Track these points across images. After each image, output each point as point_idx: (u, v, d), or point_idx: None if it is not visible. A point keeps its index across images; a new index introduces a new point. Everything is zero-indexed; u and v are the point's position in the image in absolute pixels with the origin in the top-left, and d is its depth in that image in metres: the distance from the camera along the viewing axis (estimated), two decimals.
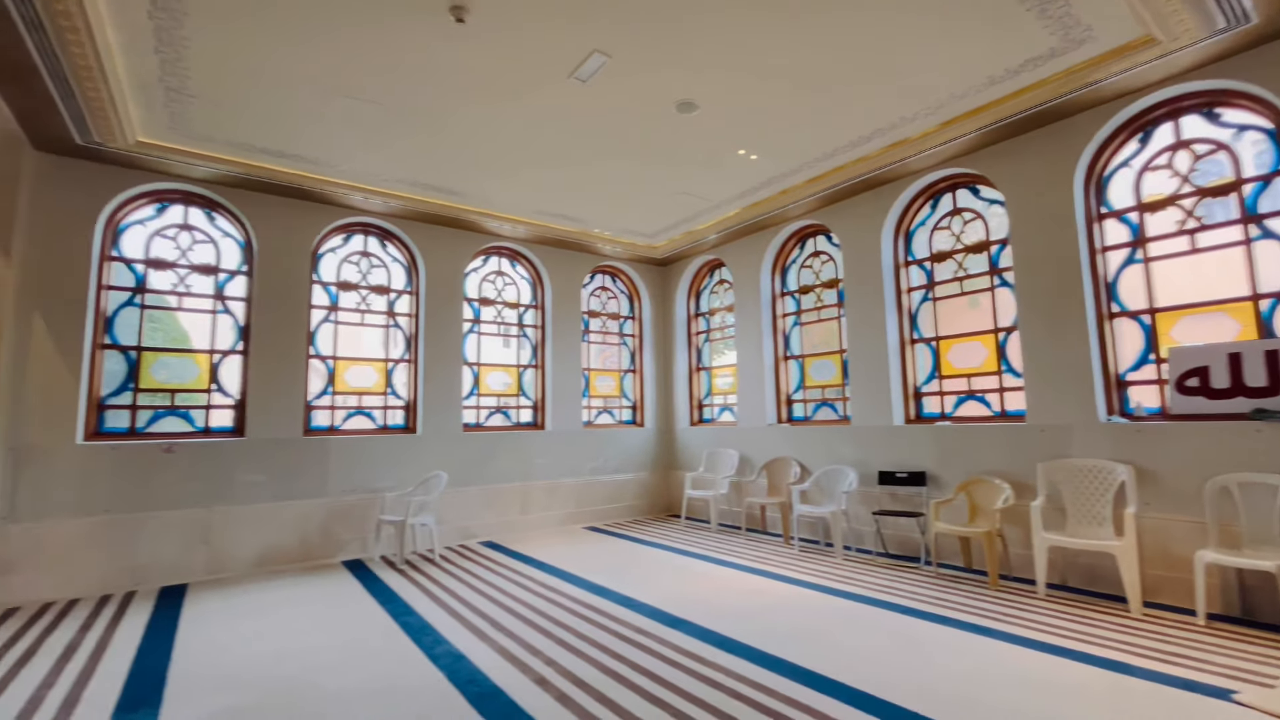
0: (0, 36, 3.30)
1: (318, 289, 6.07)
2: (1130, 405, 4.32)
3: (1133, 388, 4.34)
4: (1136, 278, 4.36)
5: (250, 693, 2.86)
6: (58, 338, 4.74)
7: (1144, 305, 4.31)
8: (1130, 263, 4.41)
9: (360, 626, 3.76)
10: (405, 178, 5.56)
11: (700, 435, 7.85)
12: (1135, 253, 4.38)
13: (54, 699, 2.81)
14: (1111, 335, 4.44)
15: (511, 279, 7.47)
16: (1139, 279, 4.35)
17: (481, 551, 5.91)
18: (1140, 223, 4.37)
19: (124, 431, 5.11)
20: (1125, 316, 4.41)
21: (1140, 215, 4.37)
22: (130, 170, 5.08)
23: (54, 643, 3.56)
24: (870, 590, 4.33)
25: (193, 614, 4.08)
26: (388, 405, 6.38)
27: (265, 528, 5.38)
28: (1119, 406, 4.36)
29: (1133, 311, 4.37)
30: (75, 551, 4.62)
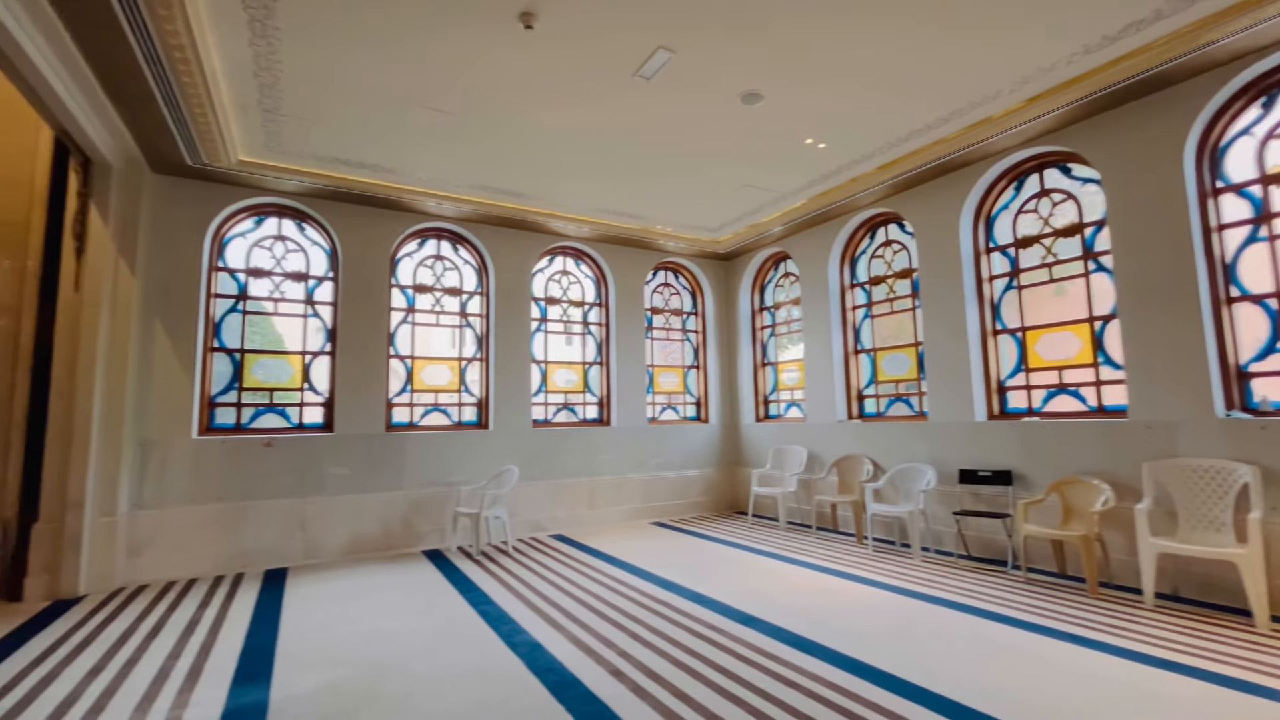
0: (124, 71, 3.66)
1: (396, 292, 6.40)
2: (1254, 399, 3.91)
3: (1257, 380, 3.92)
4: (1260, 257, 3.93)
5: (349, 670, 3.06)
6: (175, 342, 5.22)
7: (1270, 288, 3.88)
8: (1252, 241, 3.98)
9: (443, 613, 3.95)
10: (474, 182, 5.76)
11: (766, 432, 7.73)
12: (1259, 230, 3.95)
13: (180, 670, 3.11)
14: (1230, 322, 4.03)
15: (576, 278, 7.60)
16: (1263, 259, 3.92)
17: (551, 544, 6.07)
18: (1264, 196, 3.94)
19: (231, 427, 5.57)
20: (1247, 301, 3.99)
21: (1264, 188, 3.94)
22: (233, 187, 5.52)
23: (178, 618, 3.93)
24: (953, 594, 4.13)
25: (294, 595, 4.41)
26: (461, 402, 6.64)
27: (352, 517, 5.73)
28: (1240, 401, 3.96)
29: (1256, 295, 3.94)
30: (192, 536, 5.09)
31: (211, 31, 3.49)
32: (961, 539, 5.24)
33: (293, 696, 2.77)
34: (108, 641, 3.50)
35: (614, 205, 6.45)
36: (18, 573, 4.36)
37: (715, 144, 5.07)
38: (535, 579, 4.75)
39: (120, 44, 3.37)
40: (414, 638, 3.50)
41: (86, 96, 3.89)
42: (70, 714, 2.63)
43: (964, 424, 5.37)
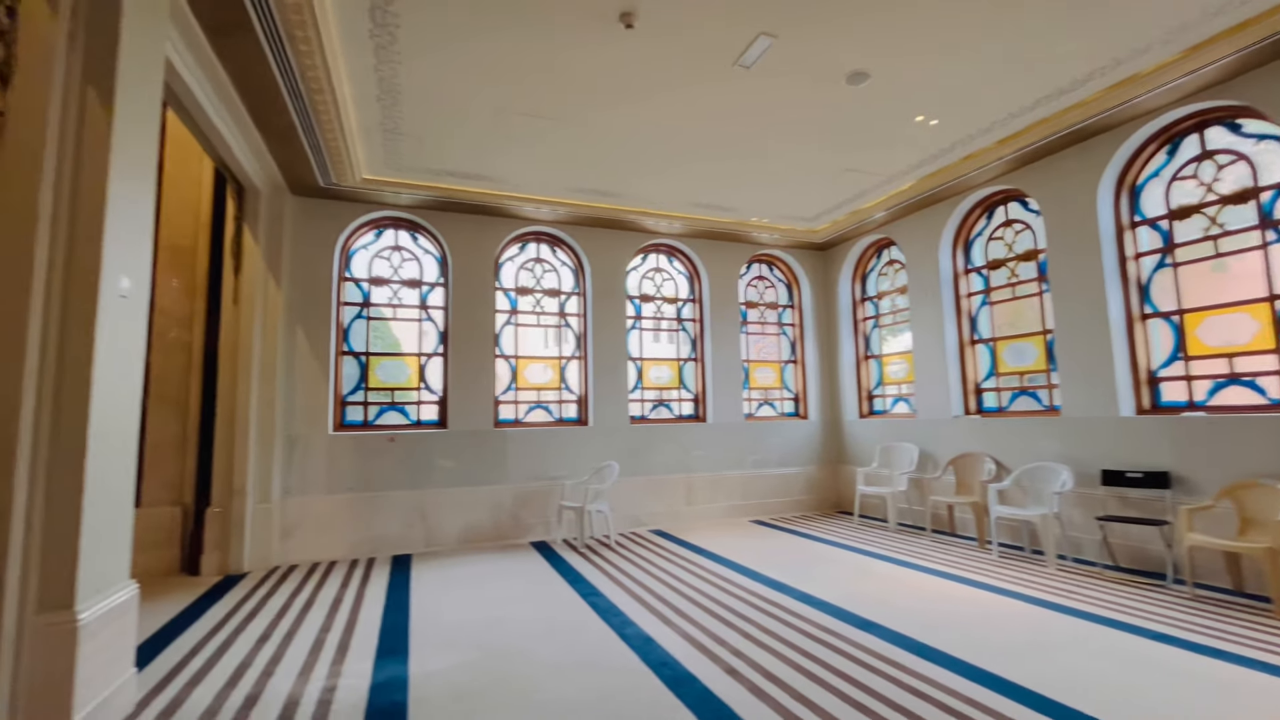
0: (271, 104, 4.08)
1: (499, 295, 6.71)
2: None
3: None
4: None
5: (475, 653, 3.24)
6: (313, 346, 5.77)
7: None
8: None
9: (556, 603, 4.09)
10: (571, 184, 5.91)
11: (871, 428, 7.36)
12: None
13: (331, 642, 3.44)
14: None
15: (669, 274, 7.61)
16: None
17: (652, 539, 6.12)
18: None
19: (359, 424, 6.09)
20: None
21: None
22: (357, 204, 6.02)
23: (324, 596, 4.35)
24: (1099, 607, 3.73)
25: (419, 580, 4.74)
26: (562, 400, 6.86)
27: (464, 509, 6.08)
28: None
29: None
30: (331, 522, 5.61)
31: (344, 60, 3.81)
32: (1106, 547, 4.72)
33: (429, 674, 2.97)
34: (270, 614, 3.94)
35: (708, 199, 6.39)
36: (195, 550, 5.01)
37: (816, 129, 4.89)
38: (640, 573, 4.81)
39: (268, 79, 3.76)
40: (531, 625, 3.66)
41: (241, 130, 4.39)
42: (245, 677, 2.98)
43: (1106, 419, 4.83)
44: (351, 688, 2.84)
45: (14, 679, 2.14)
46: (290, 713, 2.61)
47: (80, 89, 2.40)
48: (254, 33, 3.30)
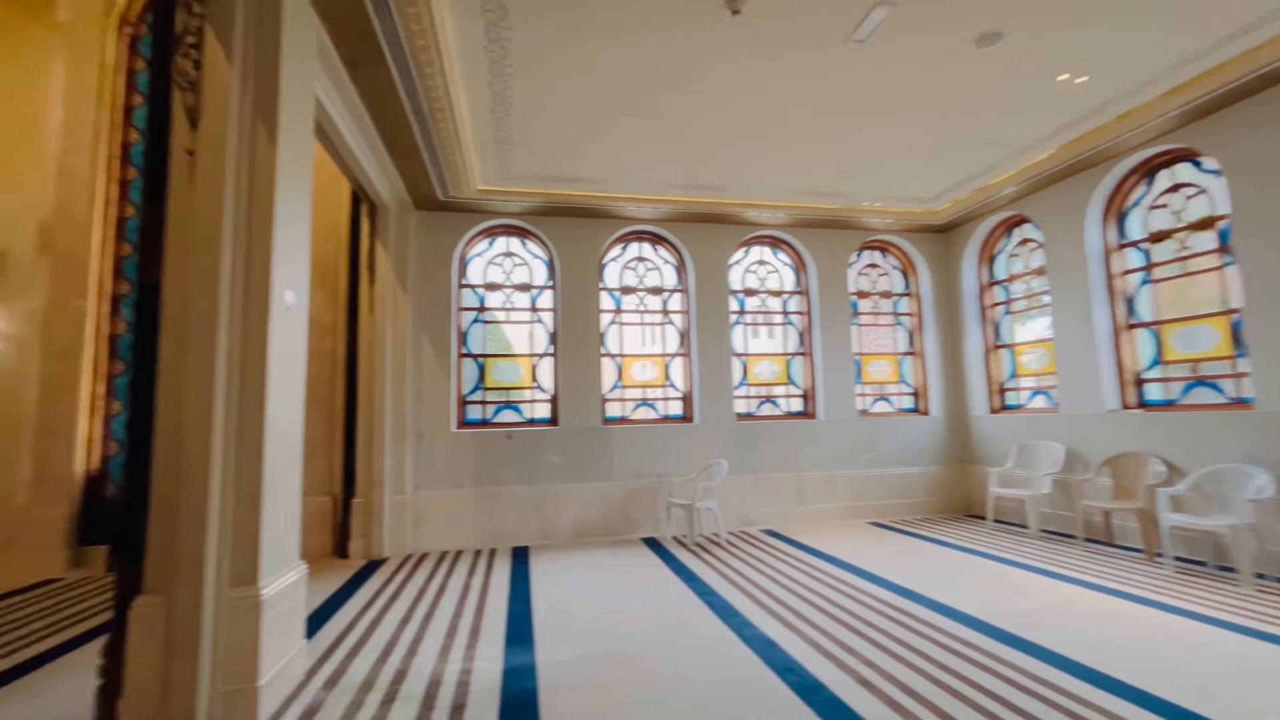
0: (398, 126, 4.41)
1: (604, 295, 6.83)
2: None
3: None
4: None
5: (597, 645, 3.31)
6: (436, 350, 6.20)
7: None
8: None
9: (672, 601, 4.09)
10: (672, 181, 5.89)
11: (1004, 424, 6.71)
12: None
13: (464, 627, 3.65)
14: None
15: (774, 266, 7.38)
16: None
17: (764, 539, 5.97)
18: None
19: (479, 422, 6.45)
20: None
21: None
22: (472, 214, 6.38)
23: (454, 583, 4.65)
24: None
25: (538, 572, 4.94)
26: (667, 397, 6.87)
27: (576, 504, 6.26)
28: None
29: None
30: (456, 514, 6.00)
31: (461, 78, 4.04)
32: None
33: (555, 664, 3.07)
34: (409, 598, 4.27)
35: (814, 186, 6.12)
36: (344, 536, 5.55)
37: (938, 101, 4.51)
38: (754, 573, 4.70)
39: (396, 103, 4.06)
40: (648, 621, 3.68)
41: (373, 152, 4.79)
42: (393, 654, 3.24)
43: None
44: (485, 671, 3.00)
45: (215, 642, 2.45)
46: (434, 690, 2.79)
47: (251, 126, 2.71)
48: (385, 62, 3.58)
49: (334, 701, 2.70)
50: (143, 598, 2.43)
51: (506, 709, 2.60)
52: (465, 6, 3.37)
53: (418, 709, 2.62)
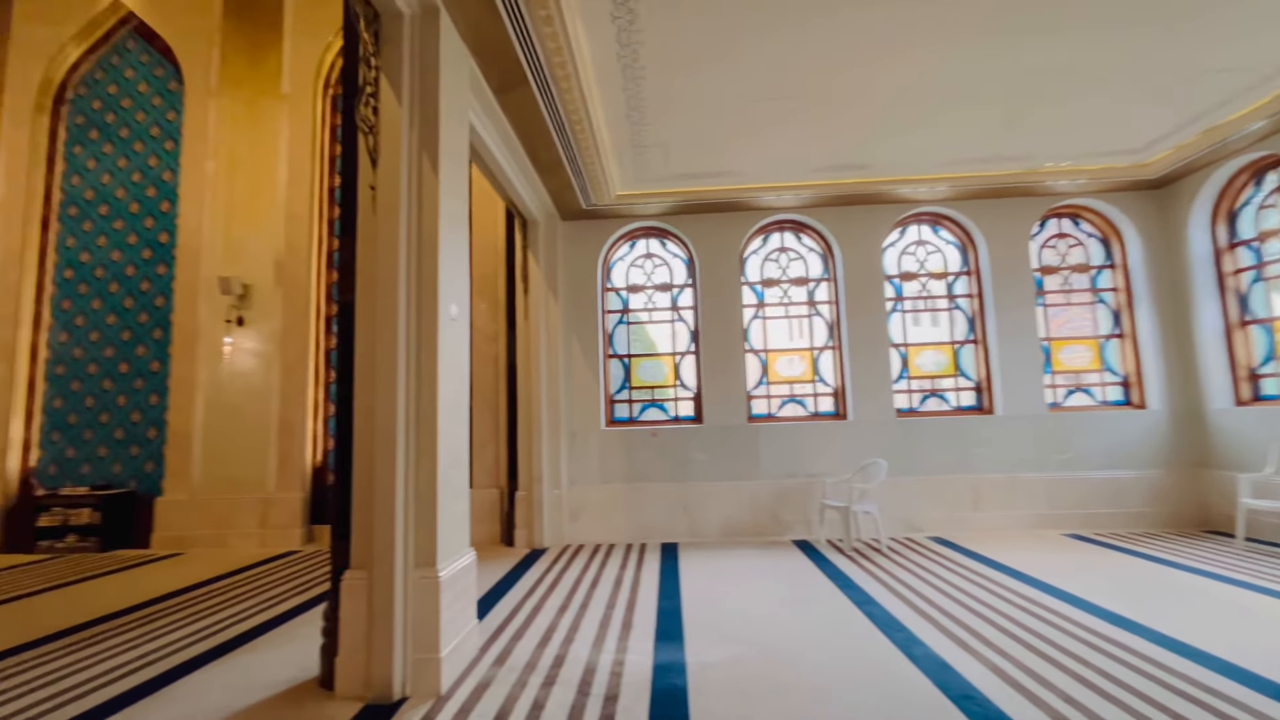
0: (542, 142, 4.69)
1: (745, 289, 6.68)
2: None
3: None
4: None
5: (746, 648, 3.22)
6: (585, 352, 6.51)
7: None
8: None
9: (826, 608, 3.86)
10: (814, 165, 5.57)
11: (1258, 419, 5.37)
12: None
13: (616, 619, 3.78)
14: None
15: (935, 246, 6.67)
16: None
17: (931, 547, 5.41)
18: None
19: (626, 420, 6.66)
20: None
21: None
22: (613, 220, 6.61)
23: (607, 575, 4.84)
24: None
25: (687, 569, 4.96)
26: (816, 392, 6.52)
27: (724, 503, 6.18)
28: None
29: None
30: (607, 509, 6.24)
31: (597, 87, 4.18)
32: None
33: (705, 664, 3.04)
34: (566, 587, 4.52)
35: (981, 151, 5.40)
36: (509, 526, 6.05)
37: (1146, 28, 3.72)
38: (921, 584, 4.27)
39: (539, 120, 4.32)
40: (801, 627, 3.50)
41: (521, 170, 5.15)
42: (552, 639, 3.44)
43: None
44: (636, 664, 3.06)
45: (404, 615, 2.79)
46: (589, 677, 2.91)
47: (418, 159, 3.04)
48: (527, 83, 3.82)
49: (502, 679, 2.93)
50: (350, 572, 2.84)
51: (657, 704, 2.62)
52: (596, 16, 3.47)
53: (574, 694, 2.74)
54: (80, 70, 7.26)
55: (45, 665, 3.26)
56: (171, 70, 7.14)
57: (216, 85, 6.88)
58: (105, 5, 7.07)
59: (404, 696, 2.73)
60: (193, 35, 6.95)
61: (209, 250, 6.68)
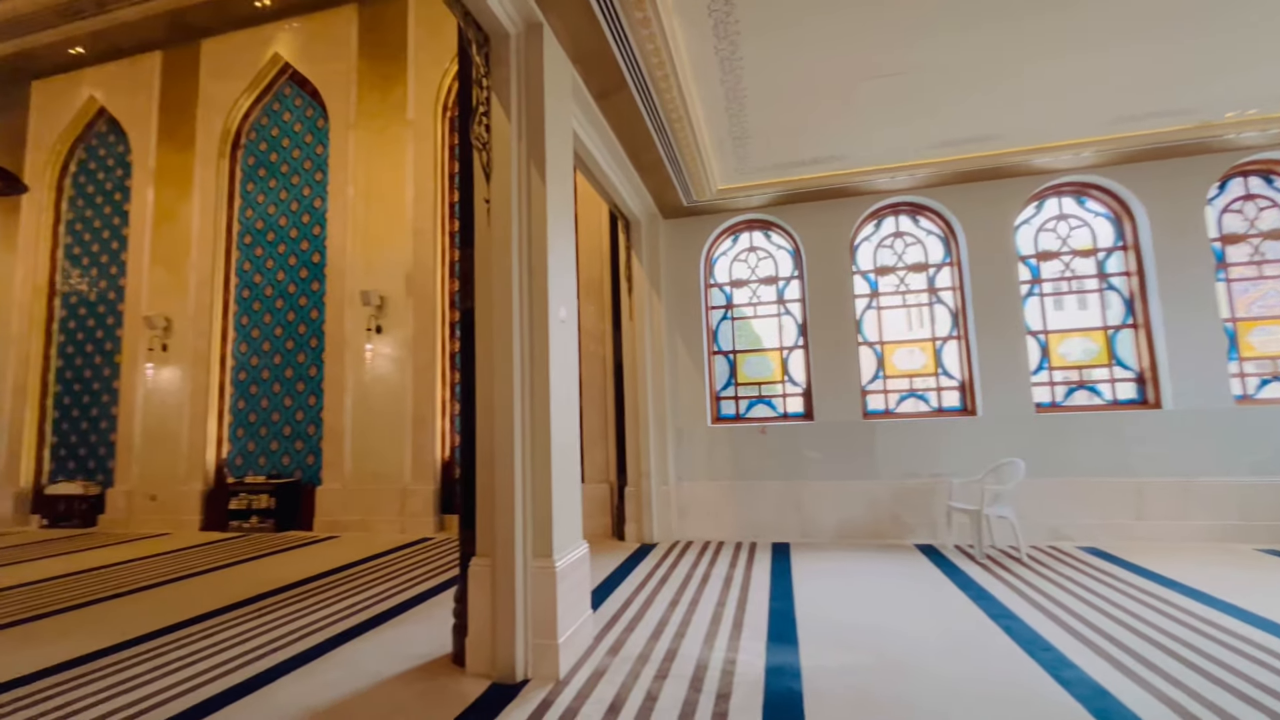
0: (643, 144, 4.74)
1: (857, 279, 6.33)
2: None
3: None
4: None
5: (865, 657, 3.06)
6: (689, 349, 6.52)
7: None
8: None
9: (956, 619, 3.57)
10: (931, 141, 5.16)
11: None
12: None
13: (727, 616, 3.75)
14: None
15: (1080, 220, 5.92)
16: None
17: (1083, 558, 4.81)
18: None
19: (732, 417, 6.58)
20: None
21: None
22: (715, 215, 6.55)
23: (717, 572, 4.81)
24: None
25: (799, 570, 4.80)
26: (940, 386, 6.04)
27: (838, 503, 5.91)
28: None
29: None
30: (715, 506, 6.21)
31: (695, 83, 4.17)
32: None
33: (820, 669, 2.93)
34: (675, 583, 4.56)
35: (1138, 107, 4.71)
36: (619, 521, 6.20)
37: None
38: (1070, 599, 3.82)
39: (639, 122, 4.38)
40: (927, 639, 3.26)
41: (623, 172, 5.25)
42: (664, 634, 3.48)
43: None
44: (748, 664, 3.02)
45: (524, 603, 2.96)
46: (701, 673, 2.92)
47: (526, 170, 3.20)
48: (628, 87, 3.88)
49: (616, 668, 3.02)
50: (476, 559, 3.06)
51: (771, 707, 2.57)
52: (692, 11, 3.45)
53: (686, 688, 2.76)
54: (250, 118, 8.43)
55: (238, 627, 3.83)
56: (319, 110, 8.09)
57: (354, 119, 7.69)
58: (268, 59, 8.16)
59: (526, 678, 2.90)
60: (335, 77, 7.82)
61: (351, 267, 7.49)
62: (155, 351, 8.24)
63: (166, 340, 8.22)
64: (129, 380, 8.36)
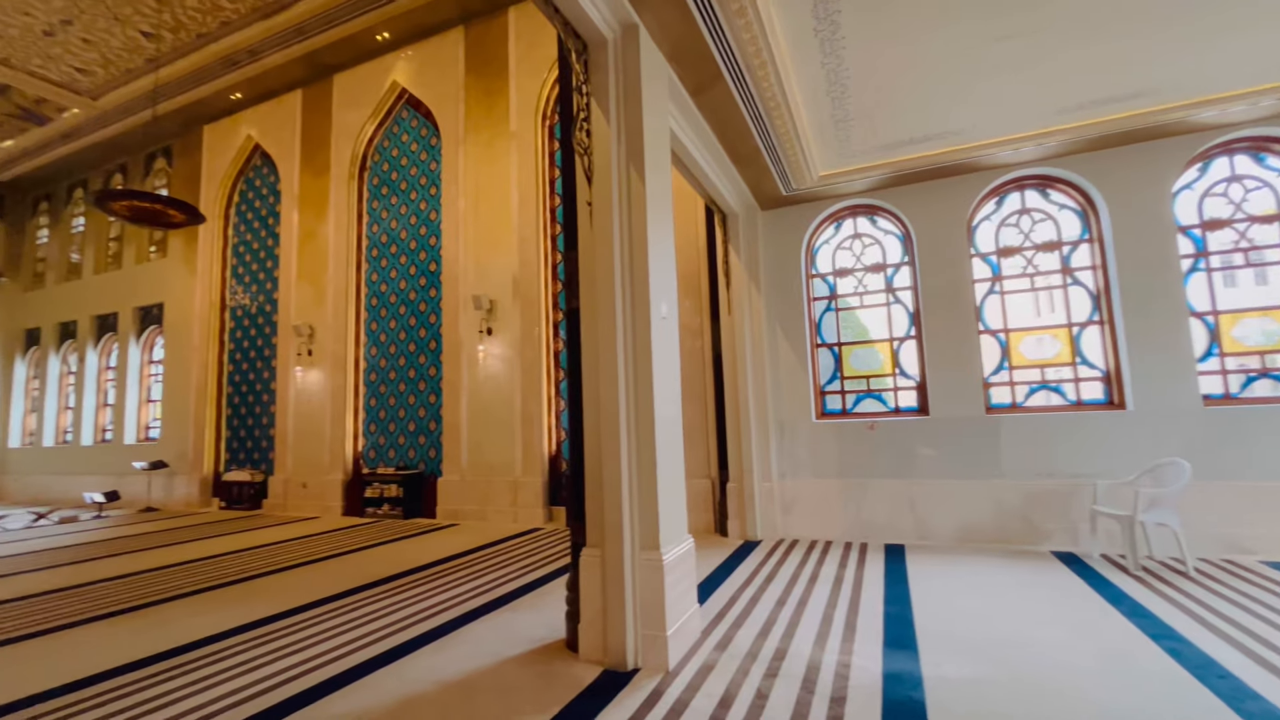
0: (739, 135, 4.67)
1: (976, 262, 5.84)
2: None
3: None
4: None
5: (994, 669, 2.83)
6: (790, 342, 6.34)
7: None
8: None
9: (1103, 634, 3.20)
10: (1064, 105, 4.63)
11: None
12: None
13: (838, 619, 3.61)
14: None
15: (1261, 181, 5.07)
16: None
17: (1269, 575, 4.13)
18: None
19: (838, 412, 6.32)
20: None
21: None
22: (816, 202, 6.32)
23: (825, 573, 4.65)
24: None
25: (916, 574, 4.53)
26: (1079, 377, 5.43)
27: (958, 503, 5.49)
28: None
29: None
30: (821, 504, 6.00)
31: (793, 69, 4.04)
32: None
33: (943, 679, 2.75)
34: (782, 581, 4.46)
35: None
36: (722, 517, 6.17)
37: None
38: (1253, 621, 3.30)
39: (735, 114, 4.32)
40: (1073, 658, 2.96)
41: (719, 165, 5.20)
42: (772, 632, 3.42)
43: None
44: (863, 669, 2.90)
45: (633, 594, 3.03)
46: (813, 675, 2.84)
47: (626, 171, 3.27)
48: (723, 79, 3.84)
49: (725, 664, 3.01)
50: (587, 549, 3.18)
51: (892, 716, 2.45)
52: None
53: (798, 689, 2.70)
54: (374, 142, 9.27)
55: (379, 602, 4.25)
56: (432, 128, 8.73)
57: (463, 134, 8.22)
58: (388, 87, 8.93)
59: (636, 667, 2.97)
60: (445, 96, 8.41)
61: (464, 273, 8.02)
62: (302, 356, 9.31)
63: (311, 346, 9.25)
64: (282, 382, 9.51)
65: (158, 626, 3.90)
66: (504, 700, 2.71)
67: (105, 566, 5.83)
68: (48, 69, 9.47)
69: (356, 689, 2.87)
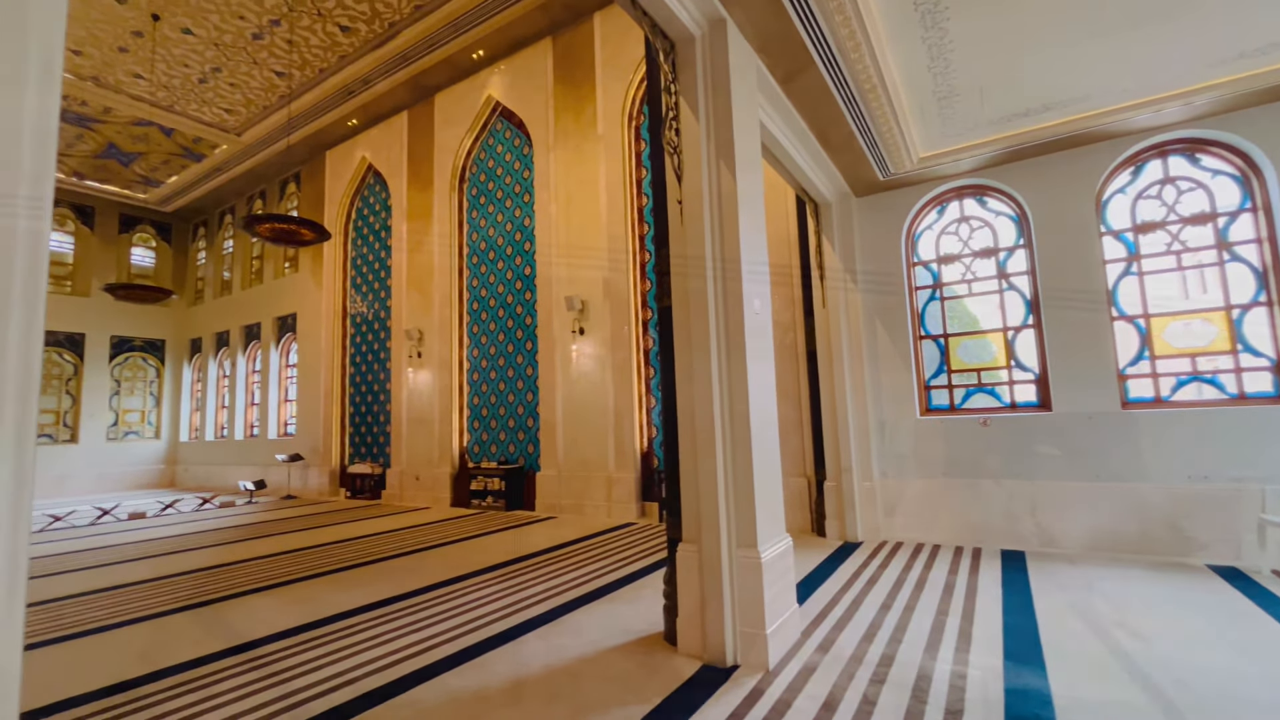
0: (831, 121, 4.50)
1: (1108, 240, 5.26)
2: None
3: None
4: None
5: (1141, 694, 2.55)
6: (891, 335, 6.02)
7: None
8: None
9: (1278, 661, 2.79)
10: (1216, 57, 4.06)
11: None
12: None
13: (950, 628, 3.40)
14: None
15: None
16: None
17: None
18: None
19: (945, 408, 5.93)
20: None
21: None
22: (916, 186, 5.96)
23: (934, 578, 4.39)
24: None
25: (1039, 583, 4.16)
26: (1240, 367, 4.75)
27: (1088, 508, 4.98)
28: None
29: None
30: (927, 505, 5.65)
31: (889, 47, 3.84)
32: None
33: (1079, 701, 2.52)
34: (886, 585, 4.26)
35: None
36: (819, 517, 5.98)
37: None
38: None
39: (827, 99, 4.17)
40: (1238, 686, 2.60)
41: (810, 154, 5.04)
42: (877, 637, 3.29)
43: None
44: (981, 681, 2.71)
45: (731, 591, 3.03)
46: (924, 684, 2.70)
47: (716, 167, 3.25)
48: (814, 65, 3.72)
49: (827, 666, 2.93)
50: (684, 544, 3.21)
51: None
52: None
53: (908, 698, 2.58)
54: (472, 154, 9.83)
55: (490, 587, 4.52)
56: (525, 138, 9.12)
57: (553, 141, 8.52)
58: (483, 102, 9.43)
59: (735, 664, 2.96)
60: (535, 106, 8.75)
61: (557, 276, 8.32)
62: (413, 359, 10.06)
63: (420, 349, 9.98)
64: (396, 382, 10.34)
65: (306, 601, 4.38)
66: (608, 688, 2.80)
67: (262, 545, 6.63)
68: (202, 112, 10.87)
69: (471, 668, 3.08)
